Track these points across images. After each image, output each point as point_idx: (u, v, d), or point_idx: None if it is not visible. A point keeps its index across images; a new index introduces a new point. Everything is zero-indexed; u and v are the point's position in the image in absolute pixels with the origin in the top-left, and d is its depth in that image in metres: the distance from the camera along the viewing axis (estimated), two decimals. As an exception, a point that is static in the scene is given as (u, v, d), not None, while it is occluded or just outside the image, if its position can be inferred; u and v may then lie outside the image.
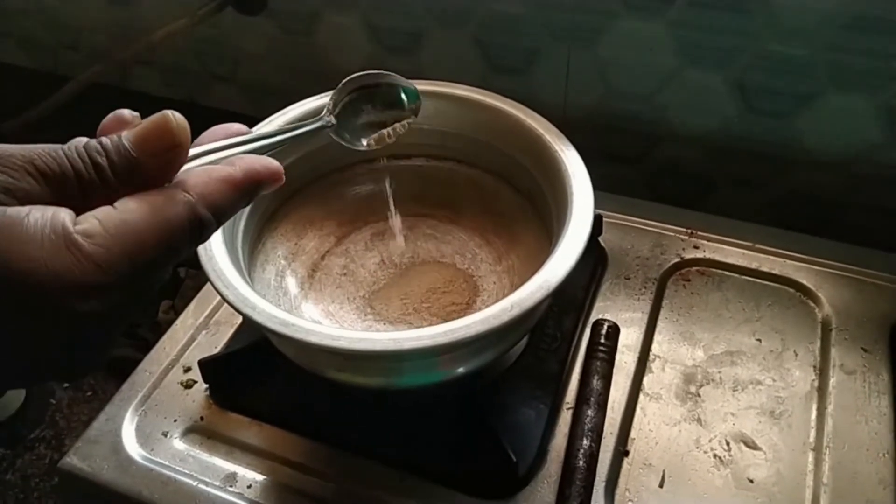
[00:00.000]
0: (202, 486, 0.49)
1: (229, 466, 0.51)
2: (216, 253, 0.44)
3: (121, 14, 0.94)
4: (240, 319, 0.60)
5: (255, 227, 0.54)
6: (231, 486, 0.49)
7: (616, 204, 0.66)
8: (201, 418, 0.54)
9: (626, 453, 0.50)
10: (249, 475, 0.50)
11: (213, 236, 0.45)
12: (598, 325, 0.56)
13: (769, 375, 0.54)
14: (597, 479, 0.48)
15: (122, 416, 0.54)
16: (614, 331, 0.55)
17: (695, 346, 0.56)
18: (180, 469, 0.51)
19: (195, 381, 0.56)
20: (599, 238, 0.62)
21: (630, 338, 0.56)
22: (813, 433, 0.50)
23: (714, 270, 0.62)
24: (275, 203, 0.56)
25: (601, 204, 0.55)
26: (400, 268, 0.58)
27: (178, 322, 0.61)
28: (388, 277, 0.57)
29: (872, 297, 0.58)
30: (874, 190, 0.69)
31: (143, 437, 0.52)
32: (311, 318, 0.53)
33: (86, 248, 0.24)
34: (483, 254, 0.58)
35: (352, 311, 0.55)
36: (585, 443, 0.48)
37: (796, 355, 0.55)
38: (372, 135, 0.47)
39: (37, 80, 1.06)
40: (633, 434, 0.51)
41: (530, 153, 0.52)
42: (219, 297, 0.50)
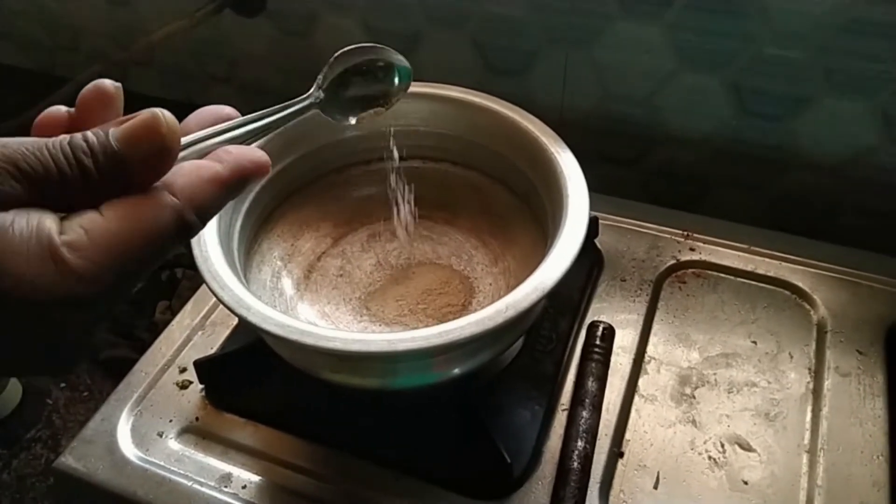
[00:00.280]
0: (197, 487, 0.49)
1: (224, 467, 0.51)
2: (212, 254, 0.44)
3: (119, 15, 0.94)
4: (236, 320, 0.60)
5: (251, 228, 0.54)
6: (226, 487, 0.49)
7: (612, 206, 0.67)
8: (197, 419, 0.54)
9: (621, 455, 0.50)
10: (244, 476, 0.50)
11: (208, 237, 0.45)
12: (593, 326, 0.56)
13: (764, 377, 0.54)
14: (591, 480, 0.48)
15: (117, 417, 0.54)
16: (610, 332, 0.55)
17: (690, 348, 0.56)
18: (175, 469, 0.51)
19: (191, 382, 0.56)
20: (595, 240, 0.63)
21: (625, 339, 0.56)
22: (807, 435, 0.51)
23: (710, 272, 0.62)
24: (271, 204, 0.56)
25: (597, 206, 0.56)
26: (396, 269, 0.58)
27: (174, 323, 0.61)
28: (385, 279, 0.57)
29: (868, 299, 0.58)
30: (869, 193, 0.69)
31: (138, 438, 0.53)
32: (307, 320, 0.53)
33: (72, 263, 0.24)
34: (479, 255, 0.58)
35: (348, 312, 0.55)
36: (580, 444, 0.49)
37: (791, 357, 0.55)
38: (362, 112, 0.44)
39: (35, 80, 1.06)
40: (627, 435, 0.51)
41: (526, 155, 0.53)
42: (215, 298, 0.50)
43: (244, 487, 0.49)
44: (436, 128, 0.56)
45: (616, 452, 0.50)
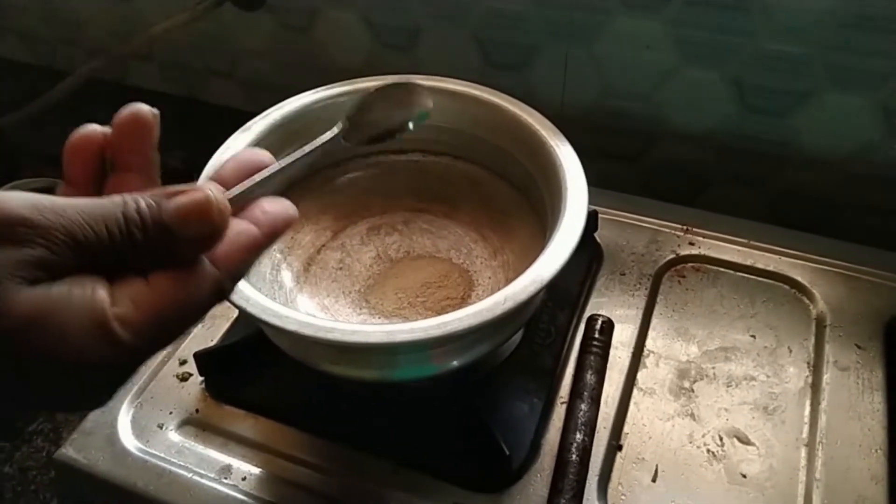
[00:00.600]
0: (197, 478, 0.50)
1: (224, 459, 0.51)
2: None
3: (120, 9, 0.94)
4: (236, 313, 0.60)
5: (252, 221, 0.54)
6: (226, 479, 0.50)
7: (612, 200, 0.66)
8: (197, 411, 0.54)
9: (620, 448, 0.50)
10: (244, 467, 0.50)
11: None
12: (592, 320, 0.56)
13: (763, 371, 0.54)
14: (590, 473, 0.48)
15: (117, 408, 0.54)
16: (608, 326, 0.56)
17: (689, 342, 0.56)
18: (175, 461, 0.51)
19: (191, 374, 0.56)
20: (595, 234, 0.63)
21: (624, 333, 0.56)
22: (806, 429, 0.51)
23: (709, 267, 0.62)
24: (271, 197, 0.56)
25: (597, 200, 0.56)
26: (395, 262, 0.58)
27: (174, 315, 0.61)
28: (384, 272, 0.57)
29: (867, 294, 0.58)
30: (870, 188, 0.69)
31: (138, 429, 0.53)
32: (307, 312, 0.53)
33: (120, 336, 0.25)
34: (478, 249, 0.58)
35: (347, 304, 0.55)
36: (579, 437, 0.49)
37: (790, 351, 0.55)
38: (371, 133, 0.45)
39: (36, 74, 1.06)
40: (626, 429, 0.51)
41: (526, 149, 0.53)
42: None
43: (244, 479, 0.50)
44: (436, 121, 0.56)
45: (615, 445, 0.50)
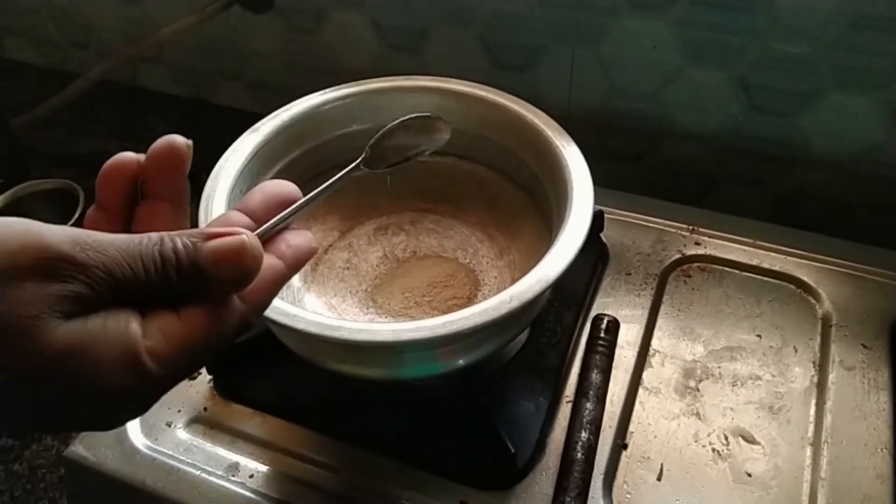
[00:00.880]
0: (205, 476, 0.50)
1: (232, 456, 0.51)
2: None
3: (130, 12, 0.95)
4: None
5: (259, 221, 0.54)
6: (233, 476, 0.50)
7: (618, 200, 0.67)
8: (205, 409, 0.54)
9: (625, 446, 0.50)
10: (252, 465, 0.51)
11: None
12: (598, 319, 0.56)
13: (768, 371, 0.54)
14: (595, 471, 0.48)
15: (127, 407, 0.54)
16: (614, 325, 0.56)
17: (695, 342, 0.56)
18: (184, 459, 0.51)
19: (199, 373, 0.56)
20: (601, 234, 0.63)
21: (630, 333, 0.57)
22: (811, 428, 0.51)
23: (715, 266, 0.62)
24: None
25: (603, 200, 0.56)
26: (402, 262, 0.58)
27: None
28: (391, 271, 0.58)
29: (873, 293, 0.58)
30: (876, 188, 0.69)
31: (147, 427, 0.53)
32: (314, 311, 0.54)
33: (150, 369, 0.25)
34: (484, 249, 0.58)
35: (354, 304, 0.55)
36: (584, 435, 0.49)
37: (796, 351, 0.55)
38: (391, 160, 0.43)
39: (47, 76, 1.07)
40: (631, 428, 0.51)
41: (532, 149, 0.53)
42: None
43: (251, 476, 0.50)
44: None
45: (620, 444, 0.50)
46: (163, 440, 0.52)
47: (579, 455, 0.48)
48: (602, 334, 0.55)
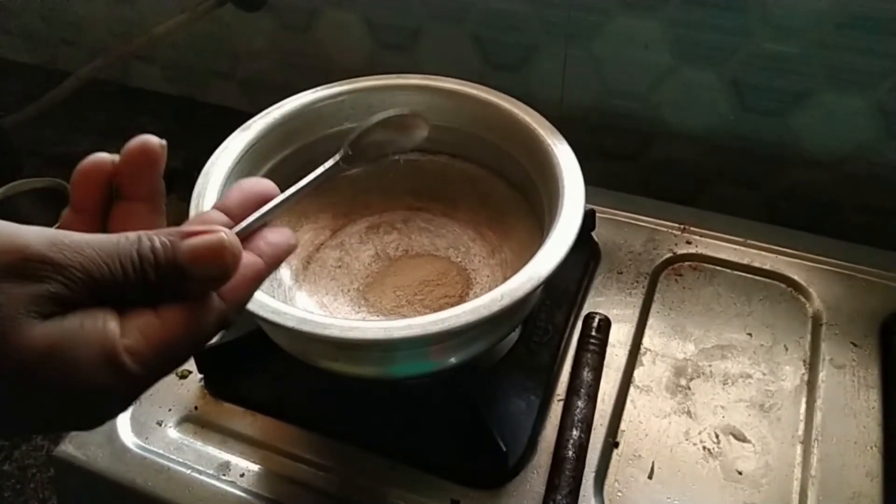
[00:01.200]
0: (196, 475, 0.50)
1: (223, 455, 0.51)
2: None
3: (121, 9, 0.94)
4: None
5: (251, 219, 0.54)
6: (224, 475, 0.50)
7: (609, 199, 0.67)
8: (195, 408, 0.54)
9: (616, 445, 0.50)
10: (243, 464, 0.50)
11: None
12: (589, 318, 0.56)
13: (759, 369, 0.54)
14: (586, 469, 0.48)
15: (117, 406, 0.54)
16: (605, 324, 0.56)
17: (686, 340, 0.56)
18: (174, 458, 0.51)
19: (190, 372, 0.56)
20: (592, 233, 0.63)
21: (622, 331, 0.57)
22: (802, 426, 0.51)
23: (706, 265, 0.62)
24: (270, 196, 0.56)
25: (595, 199, 0.56)
26: (394, 261, 0.58)
27: (174, 313, 0.61)
28: (382, 270, 0.58)
29: (863, 292, 0.58)
30: (866, 187, 0.69)
31: (137, 426, 0.53)
32: (305, 309, 0.54)
33: (129, 368, 0.25)
34: (476, 247, 0.58)
35: (346, 302, 0.55)
36: (575, 434, 0.49)
37: (786, 350, 0.55)
38: (370, 155, 0.44)
39: (37, 75, 1.06)
40: (622, 426, 0.51)
41: (524, 148, 0.53)
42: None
43: (242, 475, 0.50)
44: (434, 120, 0.56)
45: (611, 442, 0.50)
46: (153, 439, 0.52)
47: (571, 453, 0.48)
48: (593, 333, 0.55)
